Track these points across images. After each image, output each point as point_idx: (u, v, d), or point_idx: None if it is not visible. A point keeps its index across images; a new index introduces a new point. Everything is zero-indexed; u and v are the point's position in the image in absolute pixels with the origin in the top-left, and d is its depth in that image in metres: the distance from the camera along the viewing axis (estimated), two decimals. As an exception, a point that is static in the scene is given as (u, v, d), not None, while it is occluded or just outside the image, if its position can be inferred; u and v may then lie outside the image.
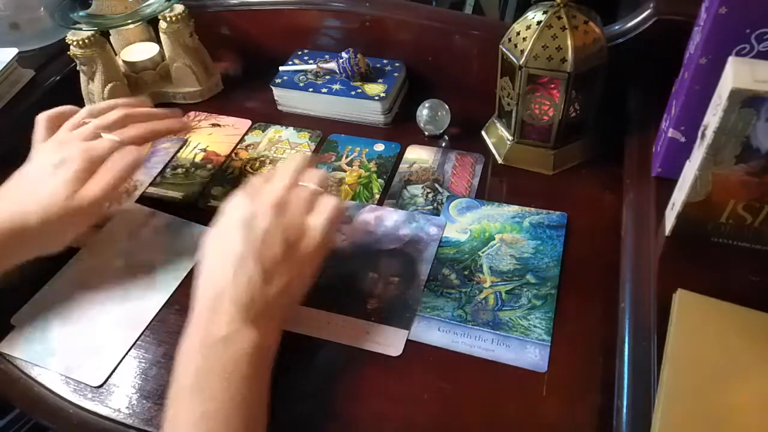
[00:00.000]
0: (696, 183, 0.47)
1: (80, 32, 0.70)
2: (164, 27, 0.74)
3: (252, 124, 0.75)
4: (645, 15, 0.65)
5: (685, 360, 0.42)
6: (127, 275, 0.57)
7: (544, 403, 0.45)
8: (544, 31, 0.57)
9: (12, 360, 0.51)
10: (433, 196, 0.63)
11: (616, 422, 0.43)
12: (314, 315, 0.52)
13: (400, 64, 0.76)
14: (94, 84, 0.73)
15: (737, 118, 0.41)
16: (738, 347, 0.43)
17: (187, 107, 0.78)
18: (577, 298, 0.52)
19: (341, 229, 0.60)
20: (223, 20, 0.83)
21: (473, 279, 0.54)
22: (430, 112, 0.69)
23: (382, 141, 0.71)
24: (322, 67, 0.76)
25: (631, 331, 0.46)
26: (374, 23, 0.76)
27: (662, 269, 0.50)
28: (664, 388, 0.41)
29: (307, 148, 0.70)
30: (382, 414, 0.46)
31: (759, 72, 0.40)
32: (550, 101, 0.61)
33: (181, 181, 0.67)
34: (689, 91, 0.51)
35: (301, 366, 0.49)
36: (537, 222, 0.59)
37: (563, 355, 0.48)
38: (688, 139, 0.53)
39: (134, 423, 0.47)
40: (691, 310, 0.45)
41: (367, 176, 0.66)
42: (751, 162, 0.44)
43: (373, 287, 0.54)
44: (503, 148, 0.67)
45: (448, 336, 0.50)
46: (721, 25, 0.45)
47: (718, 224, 0.49)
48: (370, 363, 0.49)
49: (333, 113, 0.75)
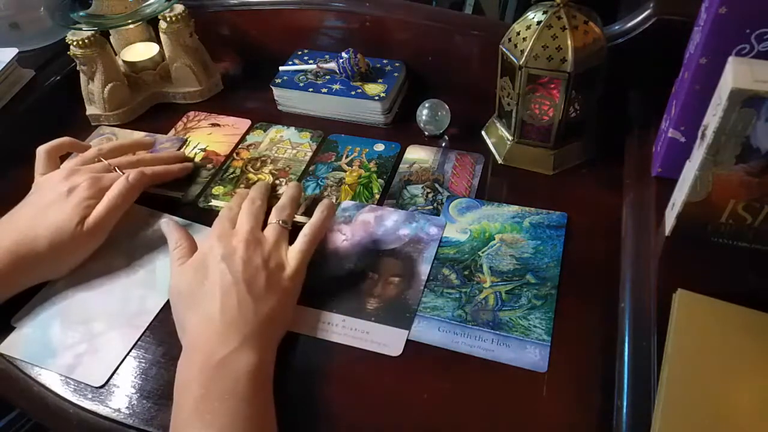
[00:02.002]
0: (696, 183, 0.47)
1: (80, 32, 0.70)
2: (164, 27, 0.74)
3: (252, 124, 0.75)
4: (645, 15, 0.65)
5: (685, 360, 0.42)
6: (128, 275, 0.57)
7: (544, 403, 0.45)
8: (544, 31, 0.57)
9: (12, 360, 0.51)
10: (433, 196, 0.63)
11: (616, 422, 0.43)
12: (314, 315, 0.52)
13: (400, 64, 0.76)
14: (94, 84, 0.73)
15: (737, 118, 0.41)
16: (738, 347, 0.43)
17: (187, 107, 0.78)
18: (577, 298, 0.52)
19: (341, 229, 0.60)
20: (223, 20, 0.83)
21: (473, 279, 0.54)
22: (430, 112, 0.69)
23: (382, 141, 0.71)
24: (322, 67, 0.76)
25: (631, 331, 0.46)
26: (374, 23, 0.76)
27: (662, 269, 0.50)
28: (664, 388, 0.41)
29: (308, 148, 0.70)
30: (383, 414, 0.46)
31: (759, 72, 0.41)
32: (550, 101, 0.61)
33: (181, 181, 0.67)
34: (689, 91, 0.51)
35: (301, 366, 0.49)
36: (537, 222, 0.59)
37: (563, 355, 0.48)
38: (688, 139, 0.53)
39: (134, 423, 0.47)
40: (691, 310, 0.45)
41: (367, 176, 0.66)
42: (751, 162, 0.44)
43: (373, 287, 0.54)
44: (503, 148, 0.67)
45: (448, 336, 0.50)
46: (721, 25, 0.45)
47: (718, 224, 0.49)
48: (370, 363, 0.49)
49: (333, 113, 0.75)
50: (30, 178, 0.61)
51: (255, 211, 0.55)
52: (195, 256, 0.52)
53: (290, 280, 0.51)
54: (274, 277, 0.50)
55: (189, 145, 0.72)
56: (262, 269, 0.49)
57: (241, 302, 0.47)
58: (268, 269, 0.50)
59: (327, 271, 0.56)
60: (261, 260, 0.50)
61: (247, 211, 0.55)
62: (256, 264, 0.50)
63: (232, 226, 0.54)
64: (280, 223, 0.54)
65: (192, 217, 0.62)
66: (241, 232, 0.52)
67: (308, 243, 0.54)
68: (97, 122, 0.76)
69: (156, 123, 0.76)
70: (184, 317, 0.48)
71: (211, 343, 0.45)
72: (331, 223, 0.58)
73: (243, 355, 0.44)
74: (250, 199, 0.57)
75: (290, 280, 0.51)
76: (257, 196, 0.58)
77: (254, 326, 0.46)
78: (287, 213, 0.56)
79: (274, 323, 0.48)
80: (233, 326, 0.45)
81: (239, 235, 0.52)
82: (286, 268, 0.51)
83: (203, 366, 0.43)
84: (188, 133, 0.74)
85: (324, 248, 0.58)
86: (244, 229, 0.53)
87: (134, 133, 0.74)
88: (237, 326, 0.45)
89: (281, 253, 0.52)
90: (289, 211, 0.56)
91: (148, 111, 0.78)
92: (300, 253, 0.53)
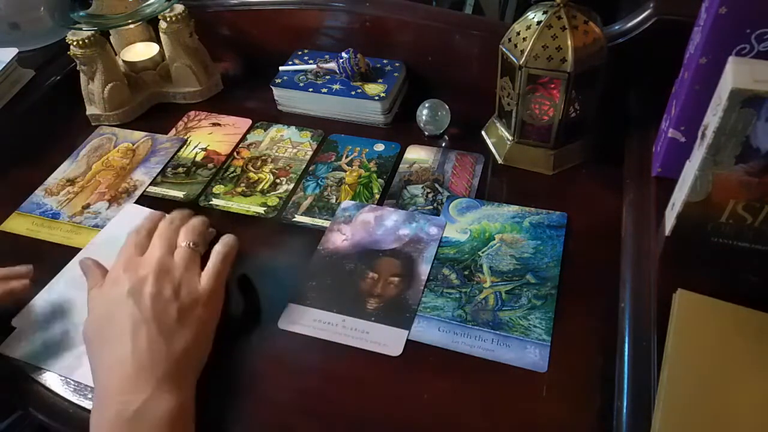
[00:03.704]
0: (696, 183, 0.47)
1: (80, 32, 0.70)
2: (164, 27, 0.74)
3: (252, 123, 0.75)
4: (645, 15, 0.65)
5: (685, 360, 0.42)
6: None
7: (544, 403, 0.45)
8: (544, 31, 0.57)
9: (13, 361, 0.51)
10: (433, 196, 0.63)
11: (616, 422, 0.43)
12: (314, 315, 0.52)
13: (400, 64, 0.76)
14: (94, 84, 0.73)
15: (737, 118, 0.41)
16: (738, 347, 0.43)
17: (187, 107, 0.78)
18: (577, 298, 0.52)
19: (341, 229, 0.60)
20: (223, 20, 0.83)
21: (473, 279, 0.54)
22: (430, 112, 0.69)
23: (382, 141, 0.71)
24: (322, 67, 0.76)
25: (631, 331, 0.47)
26: (374, 23, 0.76)
27: (662, 269, 0.50)
28: (664, 388, 0.41)
29: (309, 148, 0.70)
30: (382, 414, 0.46)
31: (759, 72, 0.40)
32: (550, 101, 0.61)
33: (182, 180, 0.67)
34: (689, 91, 0.51)
35: (301, 366, 0.49)
36: (537, 222, 0.59)
37: (563, 355, 0.48)
38: (688, 139, 0.53)
39: (134, 423, 0.47)
40: (691, 310, 0.45)
41: (367, 176, 0.66)
42: (751, 162, 0.44)
43: (373, 287, 0.54)
44: (503, 148, 0.67)
45: (448, 336, 0.50)
46: (721, 25, 0.45)
47: (718, 224, 0.49)
48: (370, 363, 0.49)
49: (333, 113, 0.75)
50: (30, 178, 0.61)
51: (169, 233, 0.52)
52: (102, 292, 0.48)
53: (205, 307, 0.47)
54: (186, 309, 0.46)
55: (190, 144, 0.72)
56: (172, 301, 0.46)
57: (152, 342, 0.43)
58: (180, 300, 0.46)
59: (327, 270, 0.56)
60: (171, 291, 0.46)
61: (162, 233, 0.51)
62: (166, 296, 0.46)
63: (139, 252, 0.50)
64: (190, 246, 0.51)
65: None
66: (150, 260, 0.48)
67: (222, 262, 0.50)
68: (97, 122, 0.76)
69: (156, 123, 0.76)
70: (93, 359, 0.45)
71: (124, 392, 0.41)
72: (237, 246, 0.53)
73: (160, 402, 0.41)
74: (169, 219, 0.54)
75: (205, 308, 0.47)
76: (177, 216, 0.54)
77: (168, 366, 0.43)
78: (198, 234, 0.52)
79: (191, 359, 0.45)
80: (146, 370, 0.42)
81: (147, 263, 0.48)
82: (200, 295, 0.48)
83: (117, 419, 0.40)
84: (189, 133, 0.74)
85: (324, 248, 0.58)
86: (154, 256, 0.49)
87: (134, 133, 0.74)
88: (150, 369, 0.42)
89: (193, 280, 0.48)
90: (200, 231, 0.53)
91: (149, 111, 0.78)
92: (213, 275, 0.49)
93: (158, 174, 0.68)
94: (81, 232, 0.61)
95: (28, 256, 0.57)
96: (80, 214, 0.64)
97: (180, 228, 0.53)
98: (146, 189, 0.66)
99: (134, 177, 0.68)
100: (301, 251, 0.58)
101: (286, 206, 0.63)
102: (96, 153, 0.72)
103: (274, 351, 0.50)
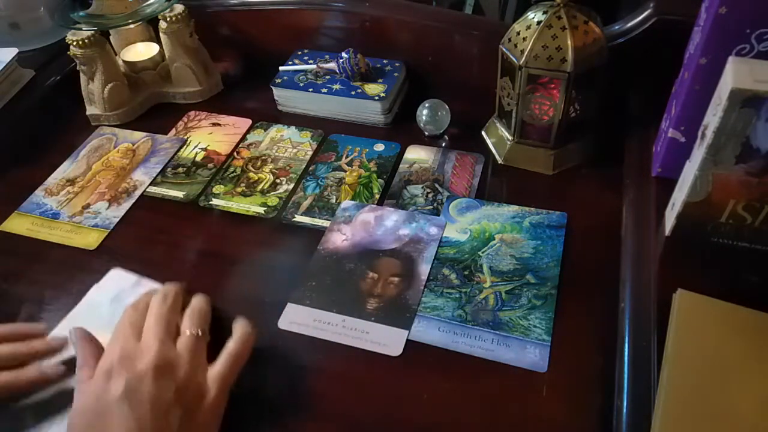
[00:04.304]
0: (696, 183, 0.47)
1: (80, 32, 0.70)
2: (164, 27, 0.74)
3: (252, 123, 0.75)
4: (645, 15, 0.65)
5: (685, 360, 0.42)
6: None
7: (544, 403, 0.45)
8: (544, 31, 0.57)
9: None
10: (433, 196, 0.63)
11: (616, 422, 0.43)
12: (314, 315, 0.52)
13: (400, 64, 0.76)
14: (94, 84, 0.73)
15: (737, 118, 0.41)
16: (738, 347, 0.43)
17: (187, 107, 0.78)
18: (577, 298, 0.52)
19: (341, 229, 0.60)
20: (223, 20, 0.83)
21: (473, 279, 0.54)
22: (430, 112, 0.69)
23: (382, 141, 0.71)
24: (322, 67, 0.76)
25: (631, 331, 0.47)
26: (374, 23, 0.76)
27: (662, 269, 0.50)
28: (664, 388, 0.41)
29: (309, 147, 0.70)
30: (382, 414, 0.46)
31: (759, 72, 0.41)
32: (550, 101, 0.61)
33: (182, 181, 0.67)
34: (689, 91, 0.51)
35: (301, 366, 0.49)
36: (537, 222, 0.59)
37: (563, 355, 0.48)
38: (688, 139, 0.53)
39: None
40: (691, 310, 0.45)
41: (367, 176, 0.66)
42: (751, 162, 0.44)
43: (373, 287, 0.54)
44: (503, 148, 0.67)
45: (448, 336, 0.50)
46: (721, 25, 0.45)
47: (718, 224, 0.49)
48: (370, 363, 0.49)
49: (333, 113, 0.75)
50: (30, 178, 0.61)
51: (166, 314, 0.45)
52: (94, 385, 0.41)
53: (210, 412, 0.41)
54: (190, 415, 0.40)
55: (190, 144, 0.72)
56: (175, 406, 0.40)
57: None
58: (183, 404, 0.40)
59: (327, 270, 0.56)
60: (174, 392, 0.40)
61: (156, 315, 0.45)
62: (168, 400, 0.40)
63: (137, 337, 0.44)
64: (197, 334, 0.45)
65: (193, 216, 0.62)
66: (149, 352, 0.42)
67: (234, 365, 0.44)
68: (97, 122, 0.76)
69: (156, 123, 0.76)
70: None
71: None
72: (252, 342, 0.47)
73: None
74: (161, 295, 0.47)
75: (210, 413, 0.41)
76: (170, 292, 0.47)
77: None
78: (205, 320, 0.47)
79: None
80: None
81: (146, 355, 0.42)
82: (206, 397, 0.41)
83: None
84: (189, 133, 0.74)
85: (324, 248, 0.58)
86: (153, 346, 0.42)
87: (134, 133, 0.74)
88: None
89: (199, 378, 0.42)
90: (205, 315, 0.47)
91: (148, 111, 0.78)
92: (222, 379, 0.43)
93: (158, 174, 0.68)
94: (81, 232, 0.61)
95: (28, 256, 0.57)
96: (80, 214, 0.64)
97: (175, 306, 0.47)
98: (146, 189, 0.66)
99: (134, 177, 0.68)
100: (301, 251, 0.58)
101: (286, 206, 0.63)
102: (96, 153, 0.72)
103: (274, 351, 0.50)
